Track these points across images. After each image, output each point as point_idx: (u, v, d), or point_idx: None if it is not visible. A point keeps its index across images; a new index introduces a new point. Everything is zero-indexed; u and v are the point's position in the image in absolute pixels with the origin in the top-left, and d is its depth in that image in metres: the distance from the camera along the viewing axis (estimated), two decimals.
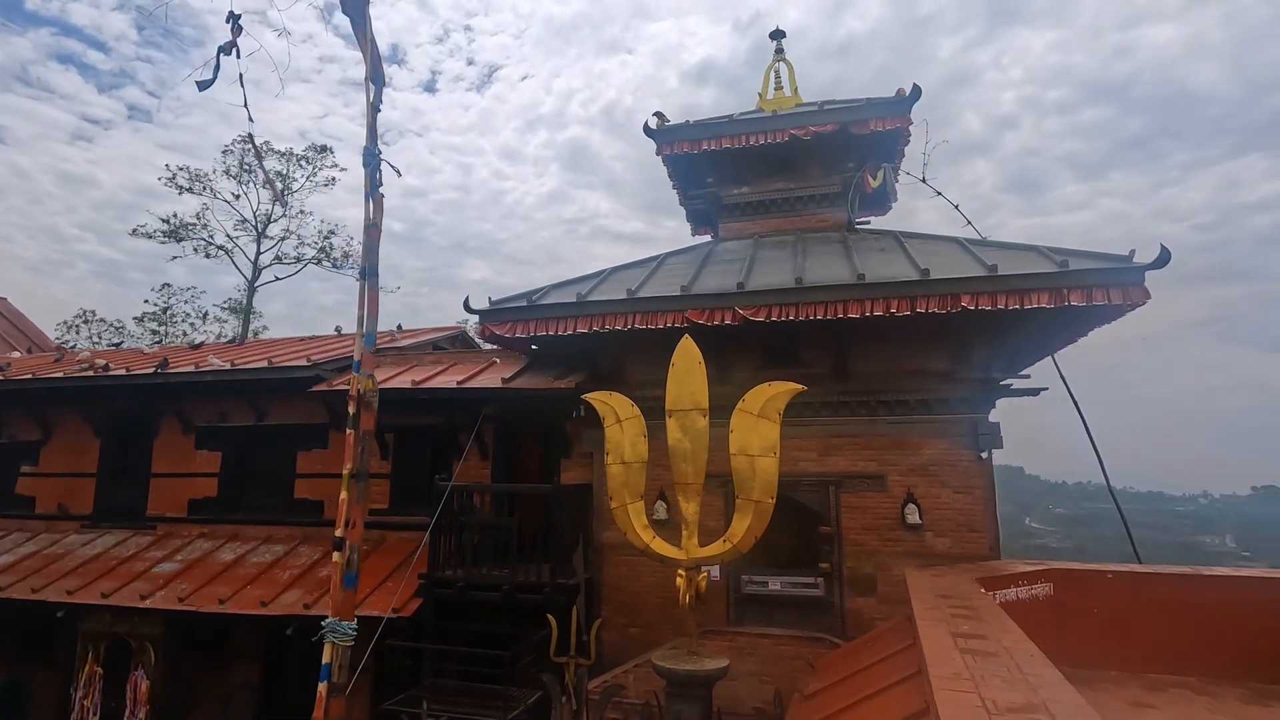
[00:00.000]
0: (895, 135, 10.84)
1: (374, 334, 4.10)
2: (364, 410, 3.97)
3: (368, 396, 3.96)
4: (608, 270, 10.54)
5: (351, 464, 3.90)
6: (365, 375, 4.04)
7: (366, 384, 3.99)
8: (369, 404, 3.97)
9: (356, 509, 3.79)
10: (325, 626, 3.60)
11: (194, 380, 11.20)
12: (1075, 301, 7.43)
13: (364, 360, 4.06)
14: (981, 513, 8.65)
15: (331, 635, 3.58)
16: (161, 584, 10.37)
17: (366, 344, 4.05)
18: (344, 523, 3.75)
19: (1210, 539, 75.54)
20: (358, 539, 3.78)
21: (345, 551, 3.71)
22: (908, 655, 5.77)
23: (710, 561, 6.24)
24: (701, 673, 5.69)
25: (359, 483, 3.83)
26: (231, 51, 5.61)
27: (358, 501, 3.81)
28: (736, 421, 6.32)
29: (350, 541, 3.72)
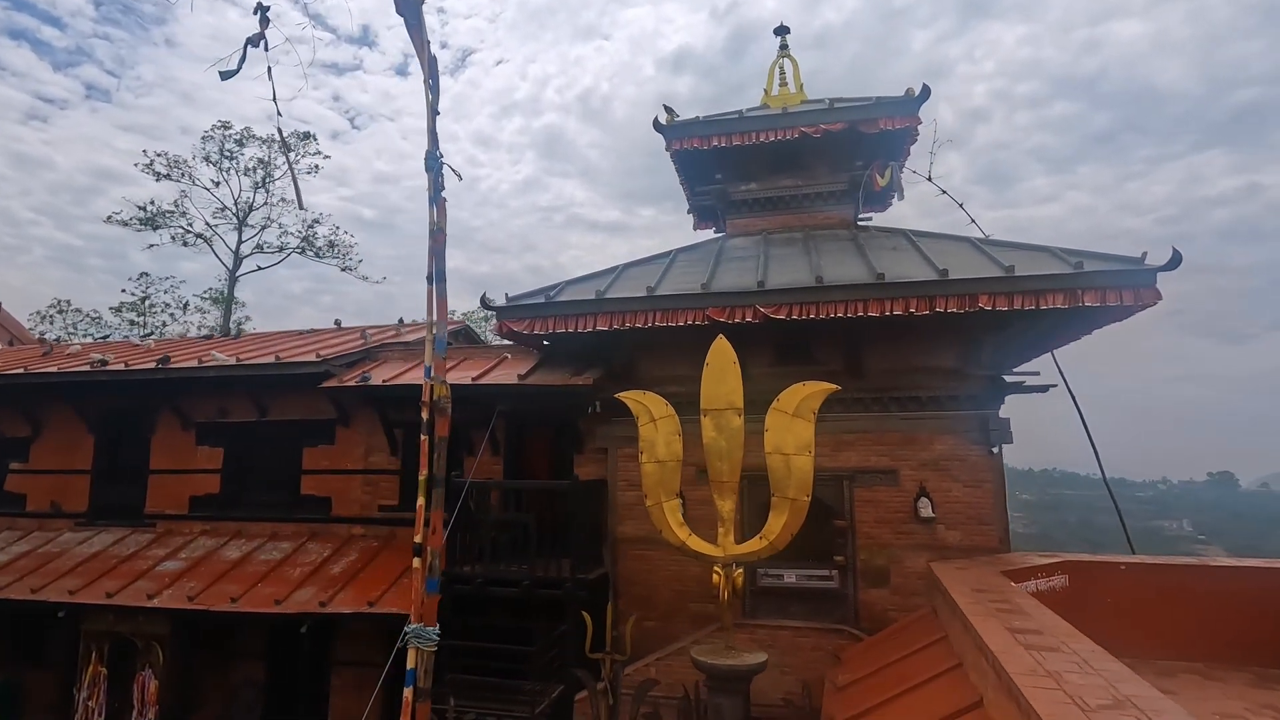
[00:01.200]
0: (903, 134, 10.99)
1: (444, 339, 4.09)
2: (439, 416, 3.98)
3: (442, 403, 3.97)
4: (620, 267, 10.56)
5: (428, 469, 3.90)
6: (439, 380, 4.03)
7: (441, 390, 3.99)
8: (443, 410, 3.97)
9: (437, 514, 3.81)
10: (409, 632, 3.62)
11: (198, 376, 10.98)
12: (1089, 302, 7.67)
13: (435, 365, 4.05)
14: (991, 506, 8.90)
15: (416, 641, 3.60)
16: (167, 583, 10.22)
17: (438, 350, 4.05)
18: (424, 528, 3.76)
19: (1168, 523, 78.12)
20: (439, 544, 3.80)
21: (426, 557, 3.72)
22: (941, 648, 5.96)
23: (747, 559, 6.36)
24: (743, 667, 5.82)
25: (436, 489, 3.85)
26: (259, 44, 5.50)
27: (436, 507, 3.83)
28: (771, 421, 6.43)
29: (431, 547, 3.74)
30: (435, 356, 4.01)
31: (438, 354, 4.03)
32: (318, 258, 29.66)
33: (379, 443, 11.18)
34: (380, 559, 10.37)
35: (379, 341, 12.09)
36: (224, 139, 27.48)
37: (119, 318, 26.98)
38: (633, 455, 10.18)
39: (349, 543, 10.87)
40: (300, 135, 28.81)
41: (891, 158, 11.38)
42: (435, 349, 4.03)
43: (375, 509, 11.07)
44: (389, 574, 9.92)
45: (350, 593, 9.56)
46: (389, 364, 11.19)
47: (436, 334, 4.07)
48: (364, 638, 10.55)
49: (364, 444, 11.29)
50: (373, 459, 11.24)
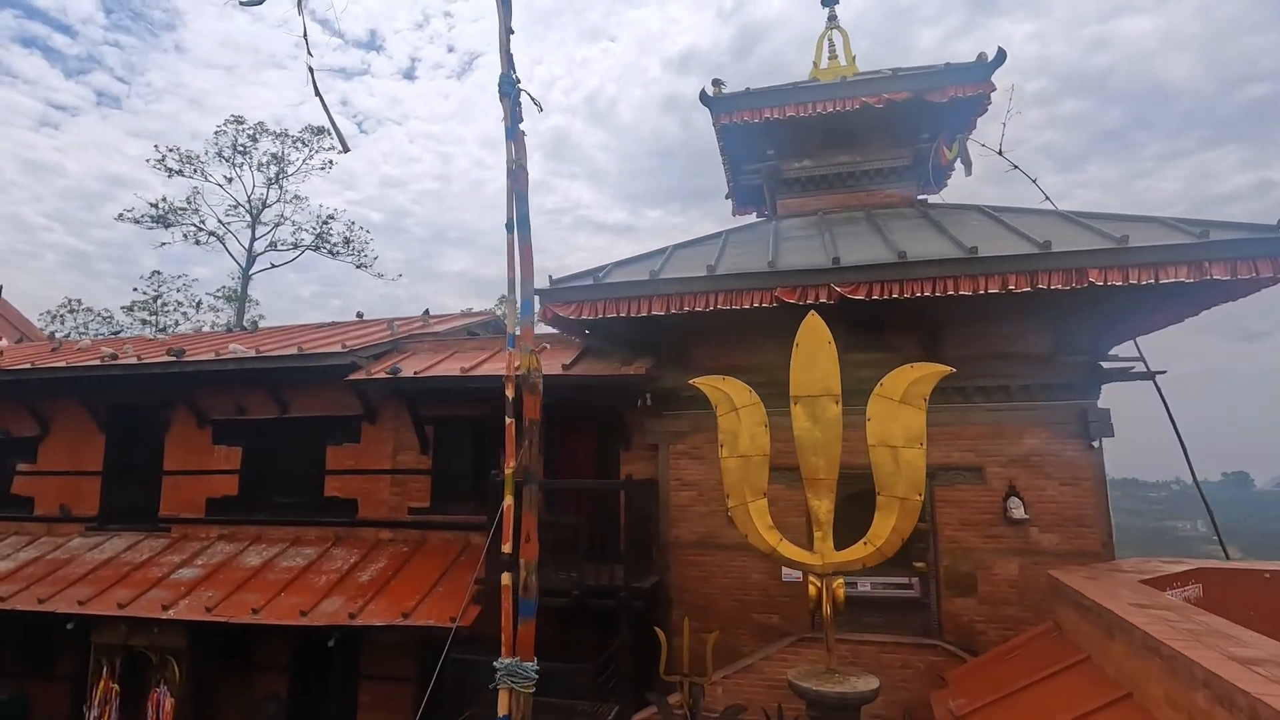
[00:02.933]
0: (973, 104, 10.12)
1: (531, 300, 3.29)
2: (528, 393, 3.17)
3: (532, 378, 3.16)
4: (670, 248, 9.75)
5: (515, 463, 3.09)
6: (526, 351, 3.22)
7: (530, 361, 3.18)
8: (534, 386, 3.16)
9: (530, 517, 3.00)
10: (501, 669, 2.83)
11: (216, 370, 10.24)
12: (1218, 275, 6.79)
13: (524, 332, 3.25)
14: (1093, 506, 8.03)
15: (509, 680, 2.80)
16: (184, 592, 9.47)
17: (523, 313, 3.24)
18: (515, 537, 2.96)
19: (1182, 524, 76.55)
20: (533, 555, 3.00)
21: (521, 573, 2.92)
22: (1087, 673, 5.10)
23: (849, 567, 5.52)
24: (854, 695, 4.98)
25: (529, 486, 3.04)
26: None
27: (529, 509, 3.02)
28: (875, 409, 5.59)
29: (525, 560, 2.94)
30: (522, 321, 3.19)
31: (523, 319, 3.22)
32: (332, 255, 29.03)
33: (408, 440, 10.40)
34: (412, 565, 9.58)
35: (406, 333, 11.33)
36: (237, 134, 26.88)
37: (131, 317, 26.42)
38: (685, 452, 9.41)
39: (377, 548, 10.09)
40: (314, 130, 28.17)
41: (958, 129, 10.51)
42: (521, 312, 3.21)
43: (405, 511, 10.29)
44: (422, 582, 9.13)
45: (381, 602, 8.77)
46: (419, 355, 10.41)
47: (522, 294, 3.26)
48: (394, 650, 9.77)
49: (392, 441, 10.51)
50: (401, 458, 10.45)
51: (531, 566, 2.97)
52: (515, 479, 3.10)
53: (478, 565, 9.21)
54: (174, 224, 27.37)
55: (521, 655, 2.86)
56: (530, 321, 3.25)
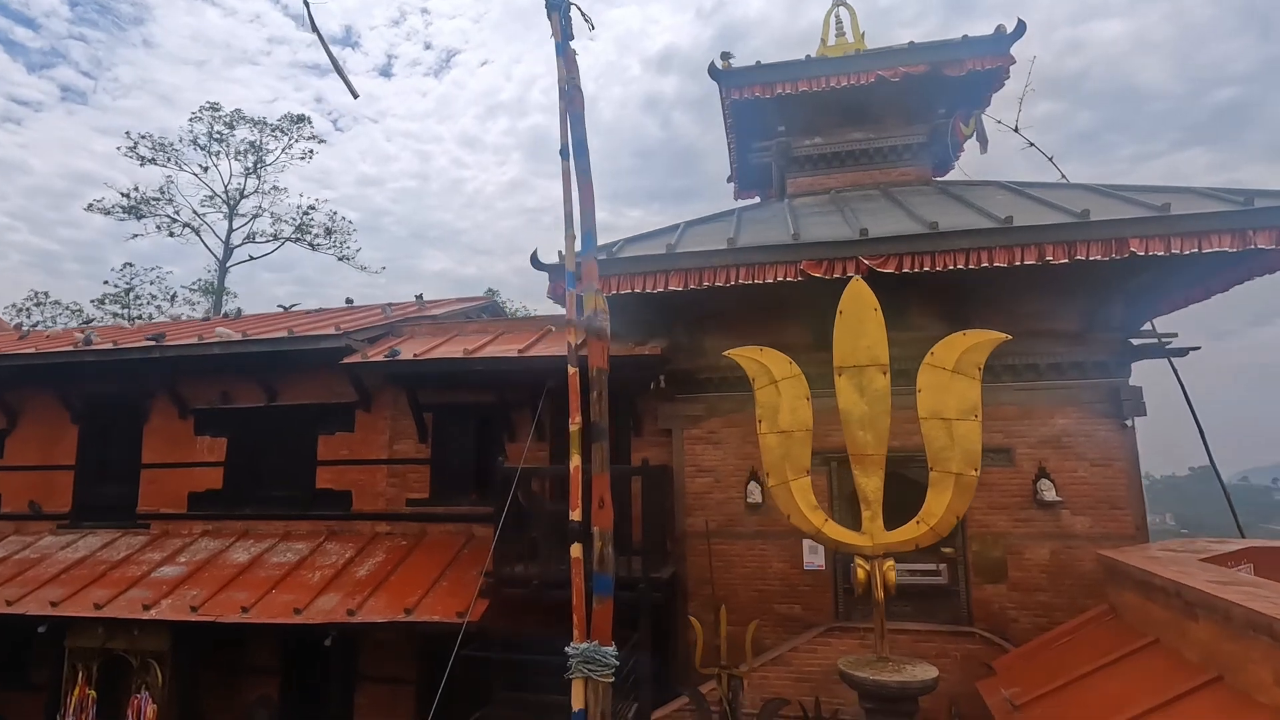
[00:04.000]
0: (991, 78, 9.83)
1: (593, 233, 2.85)
2: (594, 339, 2.74)
3: (598, 321, 2.73)
4: (682, 225, 9.35)
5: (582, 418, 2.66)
6: (592, 290, 2.79)
7: (596, 301, 2.75)
8: (599, 331, 2.73)
9: (602, 479, 2.58)
10: (575, 655, 2.40)
11: (200, 355, 9.63)
12: (1262, 244, 6.55)
13: (587, 270, 2.81)
14: (1126, 488, 7.77)
15: (585, 668, 2.37)
16: (166, 591, 8.87)
17: (585, 248, 2.81)
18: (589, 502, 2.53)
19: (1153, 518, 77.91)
20: (608, 524, 2.58)
21: (596, 544, 2.50)
22: (1157, 657, 4.79)
23: (901, 547, 5.16)
24: (915, 684, 4.61)
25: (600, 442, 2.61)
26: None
27: (601, 471, 2.60)
28: (925, 379, 5.24)
29: (600, 529, 2.52)
30: (584, 257, 2.76)
31: (585, 254, 2.79)
32: (312, 248, 28.21)
33: (406, 428, 9.87)
34: (412, 560, 9.07)
35: (402, 316, 10.79)
36: (213, 121, 25.97)
37: (102, 310, 25.39)
38: (701, 438, 9.00)
39: (374, 542, 9.56)
40: (294, 119, 27.34)
41: (974, 105, 10.22)
42: (582, 247, 2.78)
43: (403, 504, 9.77)
44: (424, 576, 8.62)
45: (381, 598, 8.25)
46: (417, 339, 9.89)
47: (582, 226, 2.82)
48: (393, 650, 9.27)
49: (388, 430, 9.98)
50: (399, 447, 9.93)
51: (607, 536, 2.55)
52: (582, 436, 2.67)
53: (484, 559, 8.75)
54: (146, 215, 26.41)
55: (598, 639, 2.44)
56: (593, 257, 2.82)
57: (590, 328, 2.76)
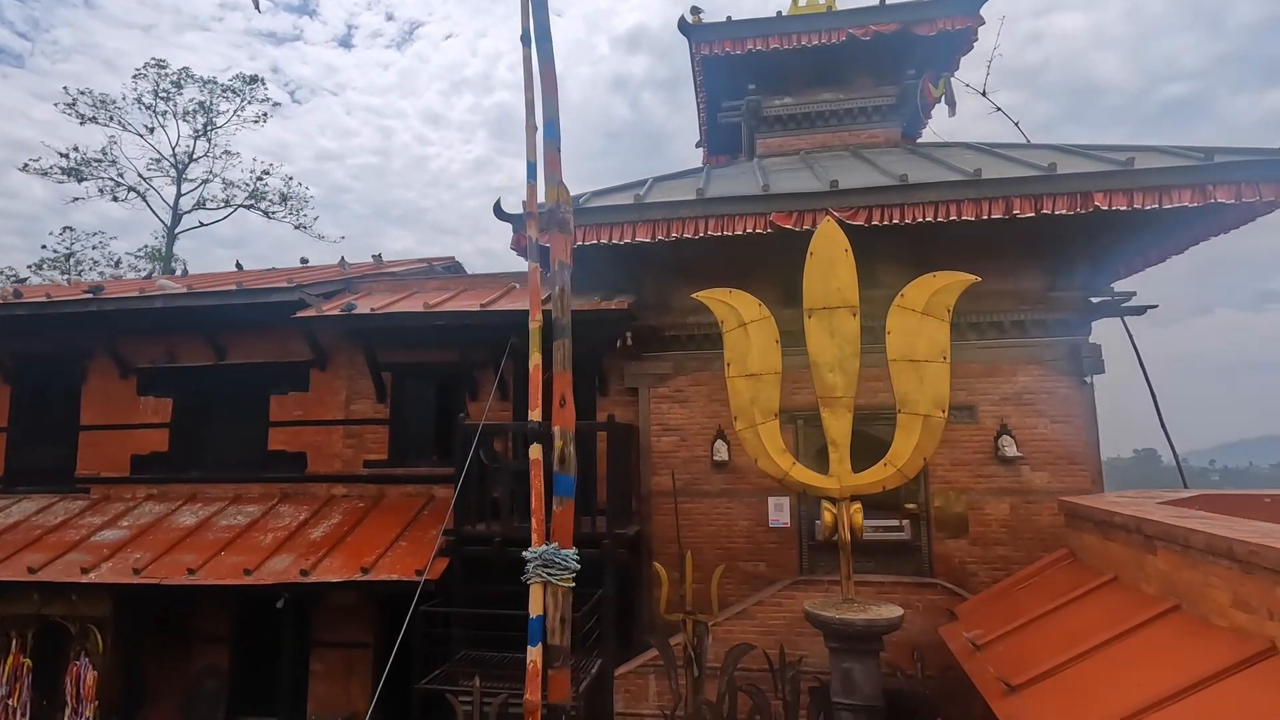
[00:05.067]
0: (960, 38, 9.83)
1: (555, 122, 2.64)
2: (557, 232, 2.55)
3: (562, 213, 2.54)
4: (650, 180, 9.14)
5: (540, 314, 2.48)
6: (555, 181, 2.60)
7: (560, 193, 2.56)
8: (564, 224, 2.55)
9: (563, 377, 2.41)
10: (533, 558, 2.24)
11: (142, 309, 9.12)
12: (1222, 199, 6.63)
13: (549, 161, 2.62)
14: (1084, 444, 7.90)
15: (544, 572, 2.22)
16: (107, 554, 8.45)
17: (547, 134, 2.61)
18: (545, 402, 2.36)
19: None
20: (570, 423, 2.41)
21: (556, 443, 2.33)
22: (1117, 593, 4.85)
23: (868, 489, 5.12)
24: (881, 621, 4.58)
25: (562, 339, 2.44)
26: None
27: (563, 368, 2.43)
28: (895, 321, 5.18)
29: (561, 427, 2.35)
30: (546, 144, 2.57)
31: (548, 141, 2.59)
32: (267, 216, 27.17)
33: (364, 388, 9.54)
34: (370, 521, 8.80)
35: (359, 274, 10.39)
36: (158, 79, 24.70)
37: (40, 276, 24.09)
38: (668, 396, 8.88)
39: (330, 504, 9.25)
40: (246, 79, 26.19)
41: (943, 67, 10.20)
42: (544, 134, 2.59)
43: (360, 465, 9.46)
44: (382, 537, 8.37)
45: (337, 559, 7.99)
46: (375, 295, 9.54)
47: (545, 115, 2.62)
48: (350, 614, 9.00)
49: (345, 390, 9.63)
50: (356, 407, 9.60)
51: (568, 436, 2.39)
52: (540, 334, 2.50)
53: (443, 520, 8.53)
54: (88, 177, 25.07)
55: (559, 541, 2.28)
56: (555, 147, 2.62)
57: (554, 220, 2.57)
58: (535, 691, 2.20)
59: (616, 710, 7.24)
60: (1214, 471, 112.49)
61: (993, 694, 4.43)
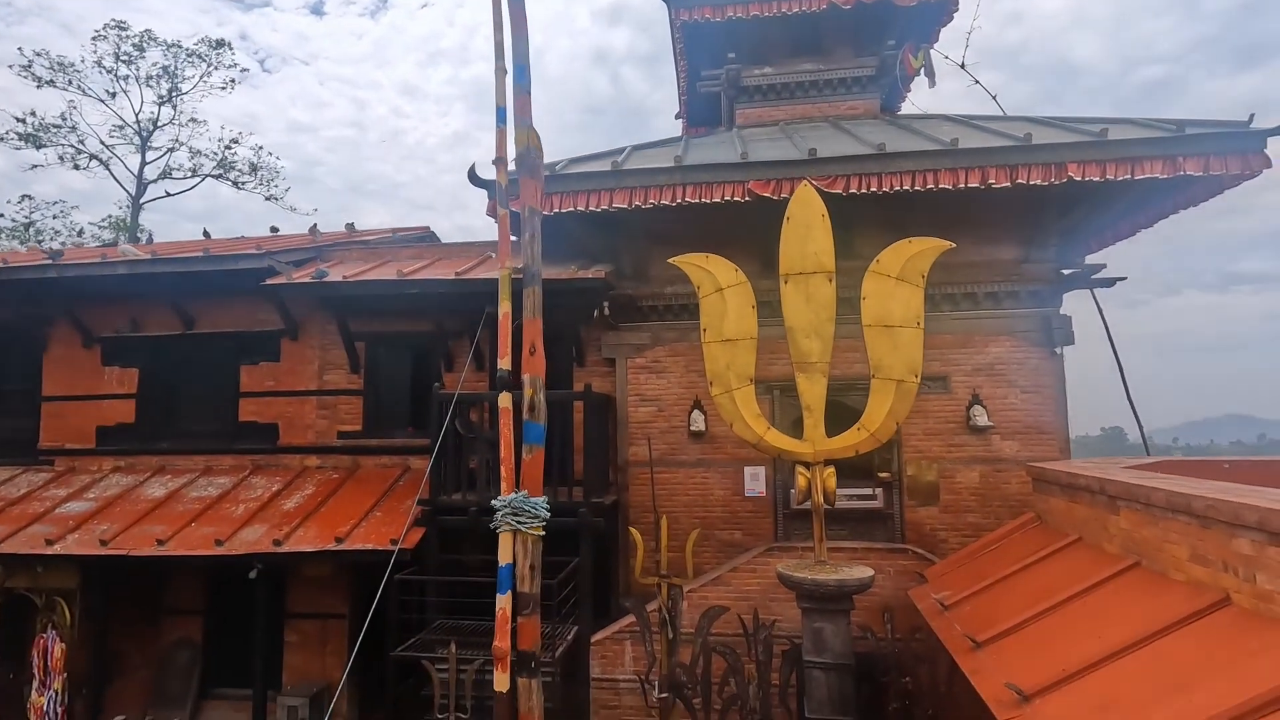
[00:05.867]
0: (940, 10, 9.80)
1: (526, 65, 2.56)
2: (527, 177, 2.49)
3: (531, 157, 2.48)
4: (628, 148, 9.03)
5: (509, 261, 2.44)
6: (525, 126, 2.53)
7: (530, 138, 2.49)
8: (534, 168, 2.49)
9: (534, 324, 2.37)
10: (502, 506, 2.22)
11: (104, 275, 8.85)
12: (1191, 170, 6.72)
13: (519, 104, 2.55)
14: (1053, 413, 8.06)
15: (512, 520, 2.20)
16: (72, 526, 8.29)
17: (517, 78, 2.54)
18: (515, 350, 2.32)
19: None
20: (540, 370, 2.38)
21: (527, 390, 2.30)
22: (1081, 552, 4.97)
23: (841, 453, 5.17)
24: (852, 582, 4.65)
25: (533, 286, 2.40)
26: None
27: (534, 315, 2.39)
28: (870, 286, 5.20)
29: (531, 375, 2.32)
30: (517, 87, 2.50)
31: (519, 84, 2.52)
32: (236, 186, 26.48)
33: (336, 358, 9.40)
34: (344, 492, 8.72)
35: (331, 242, 10.18)
36: (119, 41, 23.79)
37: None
38: (645, 366, 8.87)
39: (303, 475, 9.14)
40: (213, 43, 25.34)
41: (922, 38, 10.16)
42: (514, 78, 2.51)
43: (334, 436, 9.35)
44: (356, 508, 8.30)
45: (311, 529, 7.92)
46: (348, 263, 9.36)
47: (514, 53, 2.55)
48: (324, 585, 8.95)
49: (317, 360, 9.48)
50: (329, 378, 9.46)
51: (538, 383, 2.36)
52: (513, 278, 2.45)
53: (419, 490, 8.48)
54: (46, 144, 24.18)
55: (529, 489, 2.26)
56: (526, 90, 2.55)
57: (525, 165, 2.51)
58: (505, 638, 2.19)
59: (593, 675, 7.32)
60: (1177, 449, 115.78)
61: (959, 650, 4.54)
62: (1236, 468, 6.42)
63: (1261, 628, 3.14)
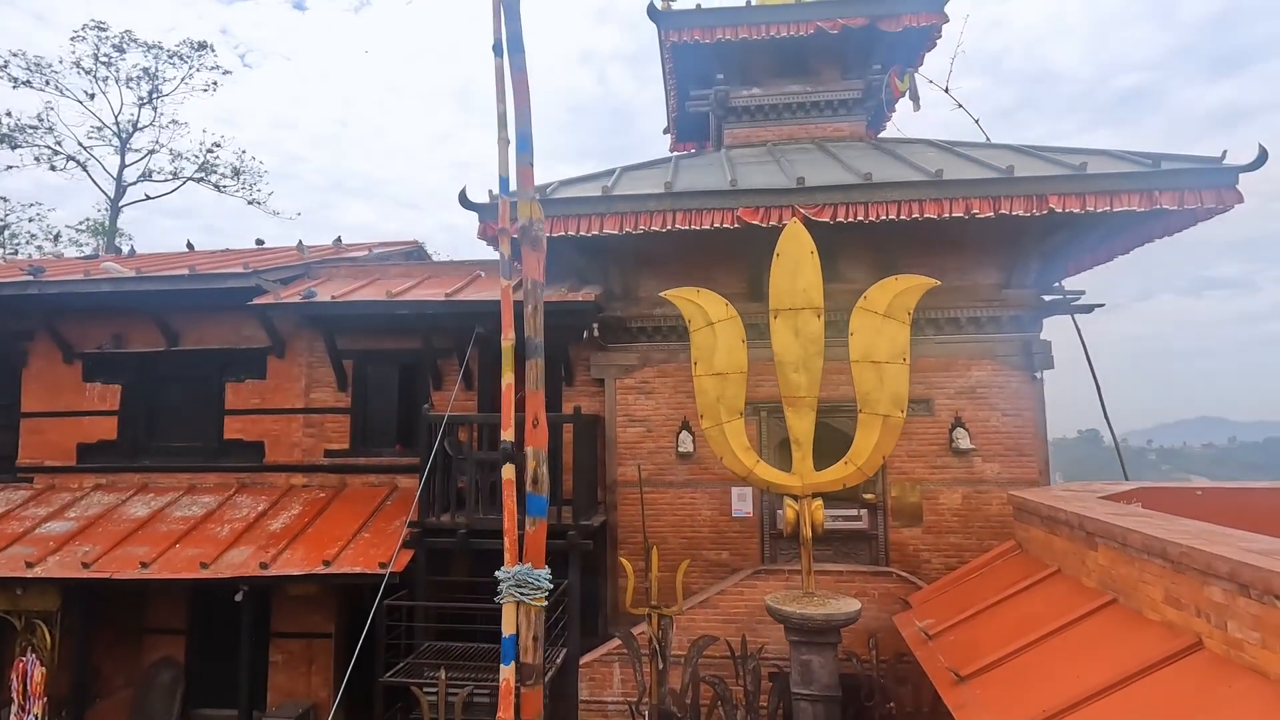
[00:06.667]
0: (924, 35, 9.95)
1: (529, 135, 2.63)
2: (531, 249, 2.55)
3: (535, 229, 2.54)
4: (618, 170, 9.09)
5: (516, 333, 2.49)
6: (528, 197, 2.59)
7: (532, 210, 2.55)
8: (536, 240, 2.55)
9: (536, 397, 2.43)
10: (506, 579, 2.27)
11: (87, 292, 8.75)
12: (1167, 204, 6.93)
13: (523, 176, 2.61)
14: (1033, 436, 8.23)
15: (516, 592, 2.25)
16: (53, 547, 8.18)
17: (520, 149, 2.60)
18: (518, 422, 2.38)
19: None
20: (542, 443, 2.43)
21: (530, 463, 2.36)
22: (1061, 585, 5.11)
23: (829, 487, 5.27)
24: (840, 615, 4.75)
25: (535, 359, 2.45)
26: None
27: (536, 388, 2.44)
28: (858, 322, 5.30)
29: (534, 447, 2.37)
30: (520, 158, 2.55)
31: (521, 155, 2.58)
32: (218, 190, 26.15)
33: (324, 376, 9.36)
34: (331, 512, 8.69)
35: (319, 258, 10.13)
36: (99, 42, 23.42)
37: None
38: (633, 387, 8.93)
39: (289, 494, 9.10)
40: (195, 45, 25.02)
41: (907, 63, 10.33)
42: (518, 148, 2.57)
43: (320, 454, 9.31)
44: (344, 528, 8.28)
45: (298, 551, 7.89)
46: (335, 281, 9.33)
47: (518, 126, 2.61)
48: (310, 604, 8.92)
49: (304, 378, 9.44)
50: (316, 395, 9.42)
51: (541, 455, 2.41)
52: (516, 352, 2.51)
53: (408, 511, 8.47)
54: (22, 145, 23.73)
55: (531, 561, 2.32)
56: (529, 162, 2.61)
57: (526, 237, 2.57)
58: (508, 710, 2.25)
59: (581, 698, 7.37)
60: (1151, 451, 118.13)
61: (943, 683, 4.65)
62: (1209, 496, 6.61)
63: (1233, 675, 3.27)
